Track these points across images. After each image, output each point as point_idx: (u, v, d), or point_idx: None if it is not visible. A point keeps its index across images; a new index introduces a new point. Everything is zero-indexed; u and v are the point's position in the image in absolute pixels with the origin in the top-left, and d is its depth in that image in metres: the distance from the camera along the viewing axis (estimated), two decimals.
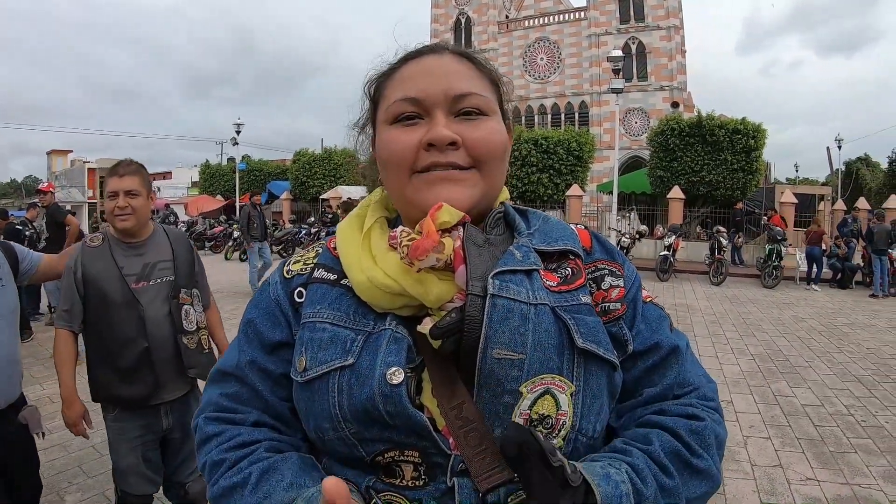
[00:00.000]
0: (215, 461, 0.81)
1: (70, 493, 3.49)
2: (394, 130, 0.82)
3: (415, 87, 0.81)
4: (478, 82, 0.85)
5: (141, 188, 2.41)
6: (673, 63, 36.11)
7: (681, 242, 15.60)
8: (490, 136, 0.82)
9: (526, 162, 20.76)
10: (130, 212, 2.37)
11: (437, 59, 0.84)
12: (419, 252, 0.72)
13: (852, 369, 6.35)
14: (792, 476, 3.78)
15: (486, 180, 0.83)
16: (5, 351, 2.24)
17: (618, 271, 0.88)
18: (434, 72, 0.82)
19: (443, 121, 0.80)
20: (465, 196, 0.80)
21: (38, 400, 5.20)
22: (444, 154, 0.79)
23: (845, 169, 36.00)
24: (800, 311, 10.17)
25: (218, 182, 36.17)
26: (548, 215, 0.94)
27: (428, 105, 0.80)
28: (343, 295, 0.82)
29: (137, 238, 2.46)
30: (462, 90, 0.81)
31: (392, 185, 0.85)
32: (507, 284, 0.74)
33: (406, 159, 0.80)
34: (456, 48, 0.88)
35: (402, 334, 0.76)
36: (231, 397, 0.86)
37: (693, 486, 0.75)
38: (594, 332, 0.77)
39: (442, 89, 0.80)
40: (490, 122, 0.83)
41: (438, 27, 43.44)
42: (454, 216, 0.76)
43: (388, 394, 0.71)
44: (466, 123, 0.81)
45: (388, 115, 0.83)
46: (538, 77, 40.62)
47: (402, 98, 0.81)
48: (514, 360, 0.71)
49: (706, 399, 0.84)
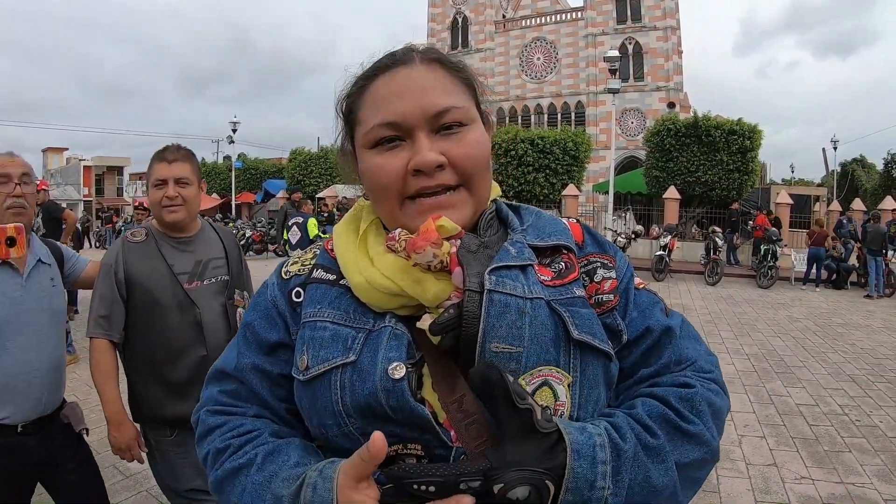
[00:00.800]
0: (220, 448, 0.82)
1: None
2: (376, 157, 0.80)
3: (391, 109, 0.79)
4: (453, 91, 0.82)
5: (192, 176, 2.15)
6: (669, 63, 36.22)
7: (676, 242, 15.67)
8: (474, 150, 0.81)
9: (522, 161, 20.77)
10: (181, 202, 2.12)
11: (409, 73, 0.81)
12: (417, 245, 0.73)
13: (847, 369, 6.38)
14: (786, 475, 3.79)
15: (474, 195, 0.83)
16: (55, 354, 2.07)
17: (609, 263, 0.88)
18: (408, 90, 0.80)
19: (426, 143, 0.78)
20: (459, 219, 0.80)
21: None
22: (433, 177, 0.78)
23: (841, 170, 36.08)
24: (795, 312, 10.22)
25: (214, 180, 36.15)
26: (541, 211, 0.94)
27: (408, 127, 0.78)
28: (342, 294, 0.83)
29: (186, 233, 2.21)
30: (440, 106, 0.79)
31: (383, 211, 0.84)
32: (504, 280, 0.75)
33: (393, 187, 0.79)
34: (426, 53, 0.85)
35: (401, 331, 0.77)
36: (230, 394, 0.88)
37: (685, 451, 0.74)
38: (589, 324, 0.78)
39: (420, 108, 0.78)
40: (472, 133, 0.82)
41: (435, 26, 43.48)
42: (452, 229, 0.77)
43: (391, 388, 0.72)
44: (449, 139, 0.79)
45: (367, 141, 0.81)
46: (535, 77, 40.69)
47: (379, 123, 0.79)
48: (511, 353, 0.73)
49: (703, 371, 0.85)
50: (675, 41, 36.42)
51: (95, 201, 44.06)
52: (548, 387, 0.75)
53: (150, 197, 2.16)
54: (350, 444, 0.76)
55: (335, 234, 0.89)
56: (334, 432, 0.77)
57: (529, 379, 0.74)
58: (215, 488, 0.82)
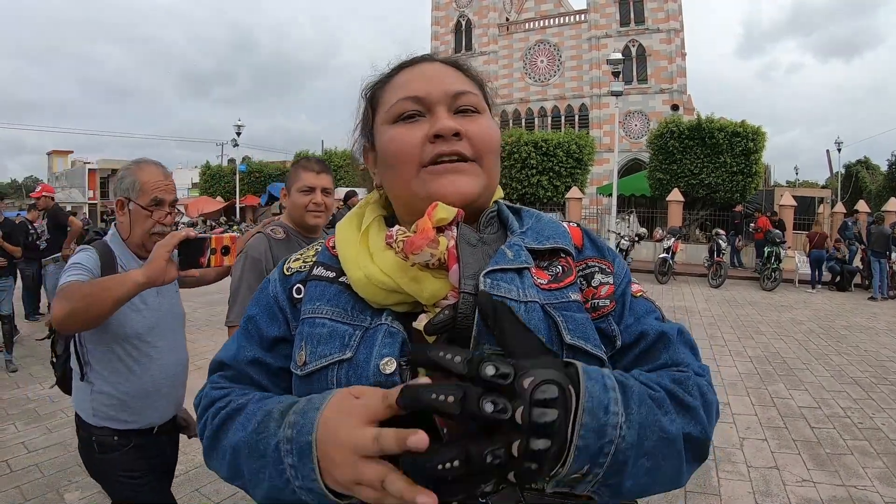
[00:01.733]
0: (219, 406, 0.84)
1: (69, 492, 3.51)
2: (397, 128, 0.85)
3: (415, 87, 0.85)
4: (468, 83, 0.90)
5: (331, 187, 2.41)
6: (673, 66, 36.13)
7: (680, 245, 15.62)
8: (488, 130, 0.87)
9: (526, 164, 20.79)
10: (324, 209, 2.37)
11: (430, 65, 0.90)
12: (414, 247, 0.75)
13: (850, 372, 6.38)
14: (788, 478, 3.80)
15: (486, 173, 0.87)
16: (184, 356, 2.19)
17: (607, 268, 0.90)
18: (431, 75, 0.87)
19: (445, 114, 0.84)
20: (471, 185, 0.84)
21: (38, 399, 5.23)
22: (450, 144, 0.82)
23: (845, 172, 35.99)
24: (798, 314, 10.20)
25: (218, 183, 36.17)
26: (541, 214, 0.96)
27: (430, 102, 0.84)
28: (341, 292, 0.85)
29: (316, 235, 2.43)
30: (459, 88, 0.86)
31: (397, 182, 0.86)
32: (499, 283, 0.77)
33: (413, 154, 0.83)
34: (443, 57, 0.93)
35: (396, 329, 0.79)
36: (230, 379, 0.90)
37: (683, 420, 0.72)
38: (582, 329, 0.80)
39: (442, 88, 0.85)
40: (485, 119, 0.88)
41: (439, 29, 43.48)
42: (450, 213, 0.79)
43: (383, 383, 0.74)
44: (466, 119, 0.85)
45: (389, 116, 0.86)
46: (538, 79, 40.65)
47: (404, 97, 0.85)
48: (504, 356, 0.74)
49: (695, 372, 0.83)
50: (679, 43, 36.34)
51: (100, 204, 44.16)
52: None
53: (295, 200, 2.36)
54: None
55: (338, 230, 0.92)
56: None
57: None
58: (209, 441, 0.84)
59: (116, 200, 2.01)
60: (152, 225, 1.98)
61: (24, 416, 4.83)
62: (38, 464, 3.90)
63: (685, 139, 19.20)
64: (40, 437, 4.37)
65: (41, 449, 4.15)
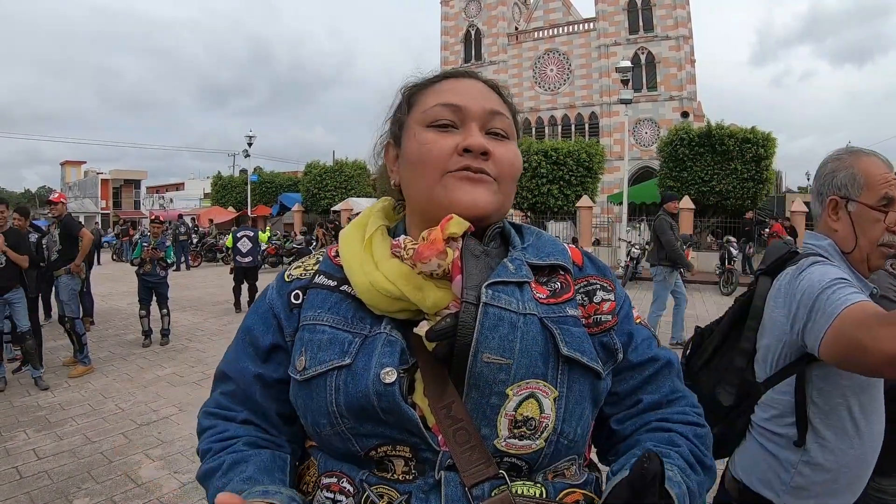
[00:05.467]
0: (205, 449, 0.89)
1: (78, 498, 3.54)
2: (430, 132, 0.87)
3: (456, 97, 0.88)
4: (504, 108, 0.92)
5: None
6: (682, 73, 36.09)
7: (691, 252, 15.54)
8: (514, 157, 0.90)
9: (536, 173, 20.80)
10: None
11: (473, 82, 0.93)
12: (423, 256, 0.78)
13: None
14: None
15: (503, 194, 0.89)
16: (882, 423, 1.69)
17: (609, 287, 0.94)
18: (472, 90, 0.90)
19: (478, 131, 0.87)
20: (490, 199, 0.86)
21: (49, 407, 5.29)
22: (477, 160, 0.85)
23: None
24: None
25: (230, 193, 36.50)
26: (541, 231, 1.00)
27: (466, 115, 0.87)
28: (342, 300, 0.87)
29: None
30: (496, 108, 0.89)
31: (420, 184, 0.88)
32: (499, 295, 0.80)
33: (442, 160, 0.85)
34: (485, 79, 0.96)
35: (396, 337, 0.81)
36: (228, 395, 0.94)
37: (707, 482, 0.86)
38: (579, 342, 0.82)
39: (479, 104, 0.88)
40: (513, 146, 0.92)
41: (449, 39, 43.73)
42: (462, 227, 0.81)
43: (382, 392, 0.76)
44: (495, 141, 0.88)
45: (424, 118, 0.88)
46: (548, 88, 40.73)
47: (443, 103, 0.88)
48: (501, 365, 0.76)
49: (694, 406, 0.94)
50: (688, 50, 36.30)
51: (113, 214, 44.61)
52: (534, 399, 0.78)
53: None
54: (341, 444, 0.81)
55: (342, 238, 0.94)
56: (327, 431, 0.81)
57: (517, 390, 0.77)
58: (201, 484, 0.88)
59: (829, 200, 1.53)
60: (882, 232, 1.46)
61: (34, 424, 4.88)
62: (47, 470, 3.93)
63: (695, 146, 19.16)
64: (50, 445, 4.41)
65: (51, 456, 4.19)
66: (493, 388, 0.76)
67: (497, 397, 0.76)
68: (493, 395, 0.76)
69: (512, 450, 0.77)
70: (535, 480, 0.80)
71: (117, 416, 5.13)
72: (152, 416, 5.11)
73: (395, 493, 0.77)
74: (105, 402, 5.50)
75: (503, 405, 0.77)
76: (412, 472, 0.78)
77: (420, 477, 0.77)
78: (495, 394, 0.76)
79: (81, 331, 6.55)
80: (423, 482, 0.77)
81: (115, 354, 7.45)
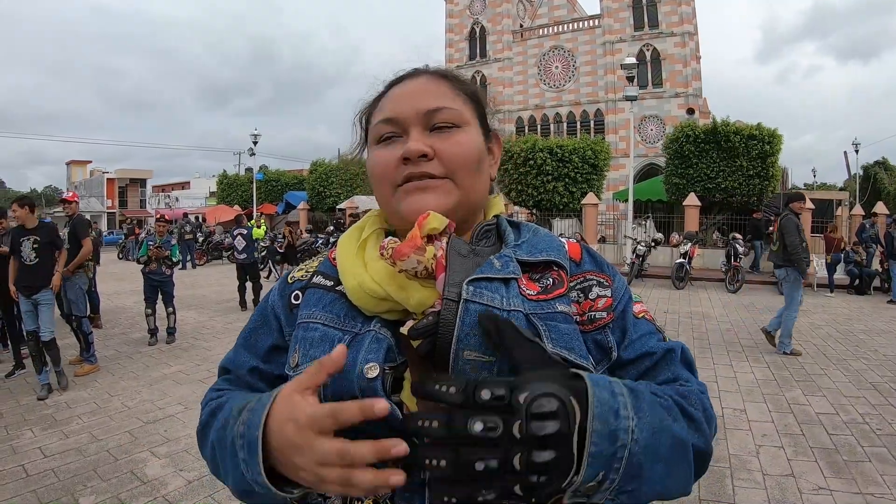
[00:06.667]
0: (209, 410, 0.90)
1: (84, 496, 3.55)
2: (377, 150, 0.89)
3: (391, 108, 0.89)
4: (450, 97, 0.90)
5: None
6: (688, 69, 35.97)
7: (697, 250, 15.51)
8: (460, 146, 0.87)
9: (541, 171, 20.74)
10: None
11: (413, 82, 0.92)
12: (401, 254, 0.78)
13: (868, 377, 6.27)
14: (804, 485, 3.74)
15: (461, 189, 0.87)
16: None
17: (605, 282, 0.91)
18: (409, 93, 0.90)
19: (417, 136, 0.86)
20: (439, 203, 0.85)
21: (55, 405, 5.32)
22: (418, 166, 0.85)
23: (863, 173, 35.51)
24: (816, 318, 10.06)
25: (235, 192, 36.53)
26: (539, 228, 0.98)
27: (403, 123, 0.87)
28: (337, 300, 0.87)
29: None
30: (431, 106, 0.87)
31: (381, 201, 0.91)
32: (482, 291, 0.78)
33: (387, 174, 0.87)
34: (434, 69, 0.95)
35: (384, 336, 0.81)
36: (232, 382, 0.96)
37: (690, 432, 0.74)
38: (567, 339, 0.81)
39: (414, 107, 0.87)
40: (462, 134, 0.89)
41: (453, 37, 43.68)
42: (441, 223, 0.80)
43: (365, 387, 0.76)
44: (439, 136, 0.87)
45: (373, 138, 0.91)
46: (553, 85, 40.64)
47: (381, 120, 0.89)
48: (483, 362, 0.75)
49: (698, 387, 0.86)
50: (693, 47, 36.17)
51: (119, 213, 44.79)
52: None
53: None
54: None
55: (339, 241, 0.94)
56: None
57: None
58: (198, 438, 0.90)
59: None
60: None
61: (40, 422, 4.91)
62: (53, 468, 3.95)
63: (701, 143, 19.09)
64: (56, 443, 4.43)
65: (57, 454, 4.21)
66: None
67: None
68: None
69: None
70: None
71: (123, 414, 5.15)
72: (158, 414, 5.13)
73: None
74: (111, 401, 5.53)
75: None
76: None
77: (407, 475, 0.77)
78: None
79: (88, 330, 6.58)
80: (409, 481, 0.76)
81: (122, 353, 7.48)
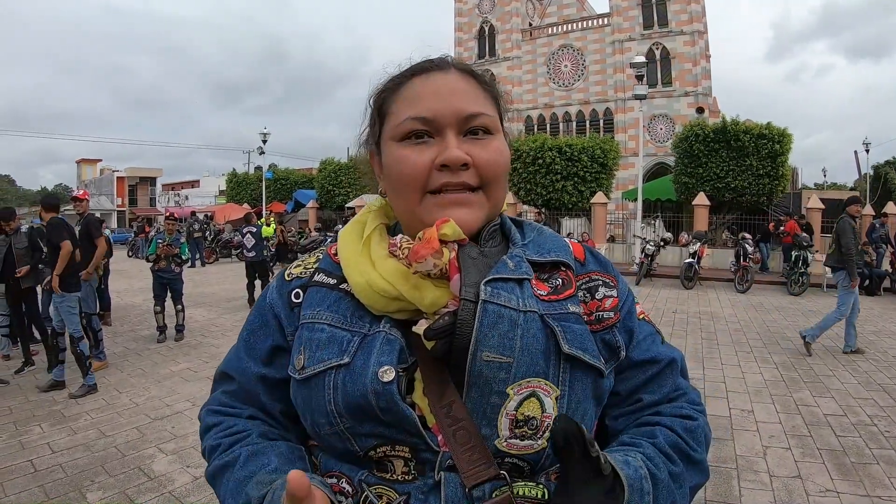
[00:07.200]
0: (213, 445, 0.87)
1: (91, 492, 3.58)
2: (404, 149, 0.83)
3: (425, 106, 0.83)
4: (483, 101, 0.87)
5: None
6: (697, 68, 35.74)
7: (706, 249, 15.42)
8: (498, 156, 0.85)
9: (550, 170, 20.69)
10: None
11: (444, 77, 0.86)
12: (418, 255, 0.76)
13: (878, 378, 6.22)
14: (811, 488, 3.71)
15: (490, 200, 0.86)
16: None
17: (611, 282, 0.91)
18: (442, 91, 0.84)
19: (454, 141, 0.82)
20: (474, 219, 0.84)
21: (64, 402, 5.36)
22: (457, 175, 0.82)
23: (874, 173, 35.19)
24: None
25: (244, 191, 36.66)
26: (543, 227, 0.97)
27: (439, 125, 0.82)
28: (341, 298, 0.85)
29: None
30: (471, 110, 0.83)
31: (402, 204, 0.87)
32: (499, 291, 0.78)
33: (419, 179, 0.82)
34: (460, 64, 0.90)
35: (395, 336, 0.80)
36: (231, 394, 0.93)
37: (693, 476, 0.82)
38: (581, 340, 0.81)
39: (453, 109, 0.83)
40: (496, 142, 0.86)
41: (462, 35, 43.60)
42: (456, 234, 0.79)
43: (381, 391, 0.75)
44: (475, 143, 0.84)
45: (396, 133, 0.85)
46: (562, 84, 40.49)
47: (413, 116, 0.83)
48: (501, 363, 0.74)
49: (695, 403, 0.91)
50: (703, 45, 35.93)
51: (129, 211, 45.04)
52: (535, 398, 0.76)
53: None
54: (340, 444, 0.80)
55: (340, 237, 0.92)
56: (326, 431, 0.80)
57: (518, 389, 0.76)
58: (209, 482, 0.87)
59: None
60: None
61: (49, 418, 4.95)
62: (61, 464, 3.98)
63: (710, 142, 18.99)
64: (64, 439, 4.47)
65: (65, 450, 4.24)
66: (494, 388, 0.75)
67: (497, 396, 0.75)
68: (493, 395, 0.75)
69: (513, 450, 0.76)
70: (536, 481, 0.78)
71: (131, 410, 5.18)
72: (166, 411, 5.15)
73: (393, 494, 0.76)
74: (119, 397, 5.56)
75: (504, 404, 0.75)
76: (412, 472, 0.77)
77: (420, 477, 0.76)
78: (496, 393, 0.75)
79: (98, 327, 6.62)
80: (423, 483, 0.76)
81: (130, 350, 7.53)
